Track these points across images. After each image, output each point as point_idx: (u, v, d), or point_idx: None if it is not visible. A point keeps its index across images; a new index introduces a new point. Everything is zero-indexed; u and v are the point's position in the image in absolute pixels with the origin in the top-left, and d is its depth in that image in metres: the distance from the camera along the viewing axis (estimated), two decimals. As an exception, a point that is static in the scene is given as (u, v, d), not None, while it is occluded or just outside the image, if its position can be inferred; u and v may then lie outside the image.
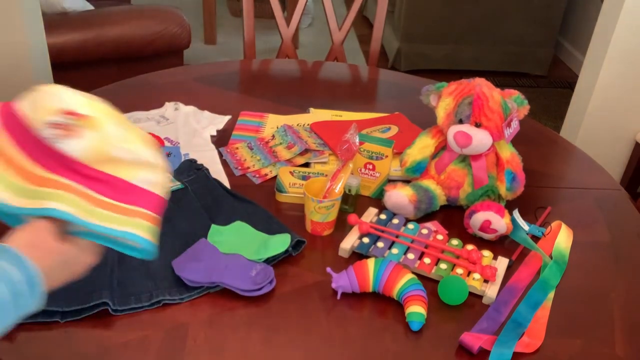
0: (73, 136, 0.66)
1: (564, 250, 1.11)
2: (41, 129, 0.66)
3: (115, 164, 0.69)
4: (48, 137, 0.66)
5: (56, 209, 0.65)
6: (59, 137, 0.66)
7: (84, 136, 0.67)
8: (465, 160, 1.16)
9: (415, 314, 0.92)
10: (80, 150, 0.67)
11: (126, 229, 0.68)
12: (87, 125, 0.67)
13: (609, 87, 2.16)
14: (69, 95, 0.68)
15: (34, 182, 0.66)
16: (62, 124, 0.66)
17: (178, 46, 2.54)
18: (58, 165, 0.67)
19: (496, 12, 3.40)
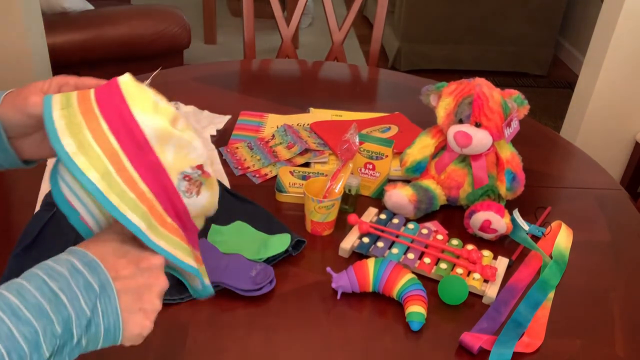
0: (195, 194, 0.66)
1: (564, 250, 1.11)
2: (176, 179, 0.64)
3: (203, 219, 0.70)
4: (178, 189, 0.64)
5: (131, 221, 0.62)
6: (186, 191, 0.65)
7: (203, 194, 0.67)
8: (465, 160, 1.16)
9: (415, 314, 0.92)
10: (192, 207, 0.66)
11: (184, 260, 0.66)
12: (206, 184, 0.67)
13: (609, 87, 2.16)
14: (200, 145, 0.65)
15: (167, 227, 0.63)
16: (192, 177, 0.65)
17: (178, 46, 2.55)
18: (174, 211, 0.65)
19: (496, 12, 3.40)
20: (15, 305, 0.52)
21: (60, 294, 0.54)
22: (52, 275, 0.55)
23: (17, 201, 1.15)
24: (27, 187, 1.16)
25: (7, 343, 0.50)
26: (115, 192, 0.58)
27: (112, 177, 0.58)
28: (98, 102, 0.61)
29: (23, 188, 1.17)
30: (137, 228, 0.59)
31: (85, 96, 0.63)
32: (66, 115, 0.60)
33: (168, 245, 0.62)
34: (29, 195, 1.13)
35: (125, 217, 0.58)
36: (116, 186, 0.58)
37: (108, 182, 0.58)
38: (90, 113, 0.60)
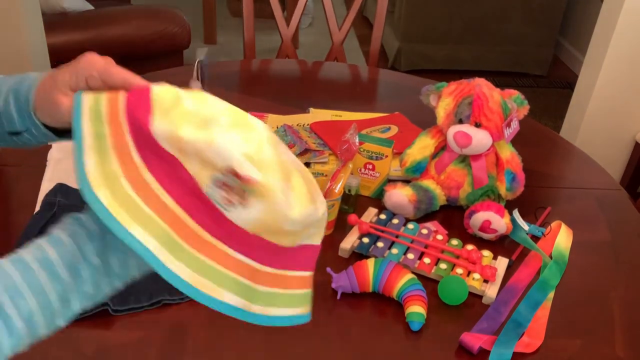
0: (238, 204, 0.54)
1: (564, 250, 1.11)
2: (208, 190, 0.54)
3: (285, 235, 0.58)
4: (215, 201, 0.54)
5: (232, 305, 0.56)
6: (226, 202, 0.54)
7: (252, 205, 0.54)
8: (465, 160, 1.16)
9: (415, 314, 0.92)
10: (245, 221, 0.55)
11: (288, 313, 0.59)
12: (254, 193, 0.54)
13: (609, 87, 2.16)
14: (230, 142, 0.54)
15: (203, 250, 0.55)
16: (227, 184, 0.54)
17: (178, 46, 2.55)
18: (225, 233, 0.55)
19: (496, 12, 3.40)
20: (55, 261, 0.52)
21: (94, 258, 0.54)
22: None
23: (17, 201, 1.15)
24: (27, 187, 1.16)
25: (40, 299, 0.50)
26: (119, 202, 0.52)
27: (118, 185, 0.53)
28: (127, 118, 0.55)
29: (23, 188, 1.17)
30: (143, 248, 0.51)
31: (114, 109, 0.56)
32: (94, 136, 0.55)
33: (188, 270, 0.53)
34: (29, 195, 1.13)
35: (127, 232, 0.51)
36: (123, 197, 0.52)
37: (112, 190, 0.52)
38: (118, 128, 0.55)
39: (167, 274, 0.52)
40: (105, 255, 0.54)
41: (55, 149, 1.26)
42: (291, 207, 0.56)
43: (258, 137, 0.55)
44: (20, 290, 0.50)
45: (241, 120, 0.57)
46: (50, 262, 0.52)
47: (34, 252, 0.52)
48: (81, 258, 0.53)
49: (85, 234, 0.54)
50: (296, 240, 0.59)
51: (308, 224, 0.58)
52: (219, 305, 0.55)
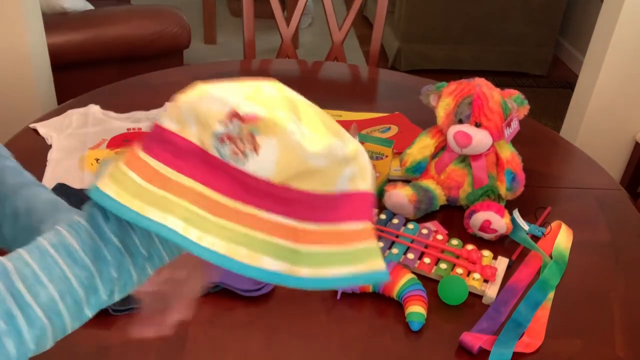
0: (250, 151, 0.49)
1: (564, 250, 1.11)
2: (214, 150, 0.50)
3: (312, 176, 0.51)
4: (224, 157, 0.50)
5: (275, 271, 0.50)
6: (236, 155, 0.49)
7: (264, 146, 0.49)
8: (465, 160, 1.16)
9: (415, 314, 0.92)
10: (265, 170, 0.50)
11: (351, 272, 0.52)
12: (262, 131, 0.49)
13: (609, 87, 2.16)
14: (225, 90, 0.51)
15: (231, 217, 0.50)
16: (231, 135, 0.49)
17: (178, 46, 2.54)
18: (248, 191, 0.50)
19: (496, 12, 3.39)
20: (72, 246, 0.49)
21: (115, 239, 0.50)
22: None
23: (17, 201, 1.15)
24: (27, 187, 1.16)
25: (61, 286, 0.48)
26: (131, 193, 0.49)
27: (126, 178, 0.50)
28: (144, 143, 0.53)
29: (23, 188, 1.17)
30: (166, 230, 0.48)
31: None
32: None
33: (221, 242, 0.49)
34: (29, 195, 1.13)
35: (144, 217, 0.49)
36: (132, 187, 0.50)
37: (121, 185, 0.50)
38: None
39: (200, 251, 0.48)
40: (125, 235, 0.51)
41: (55, 149, 1.26)
42: (306, 137, 0.50)
43: (255, 84, 0.52)
44: (40, 277, 0.47)
45: (242, 82, 0.53)
46: (69, 246, 0.49)
47: (51, 238, 0.50)
48: (100, 240, 0.50)
49: (102, 214, 0.51)
50: (332, 184, 0.52)
51: (337, 160, 0.51)
52: (258, 272, 0.49)
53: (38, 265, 0.48)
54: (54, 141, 1.29)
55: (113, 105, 1.42)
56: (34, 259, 0.48)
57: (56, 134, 1.30)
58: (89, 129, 1.34)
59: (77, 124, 1.35)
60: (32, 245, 0.50)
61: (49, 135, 1.30)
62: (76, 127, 1.34)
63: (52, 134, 1.30)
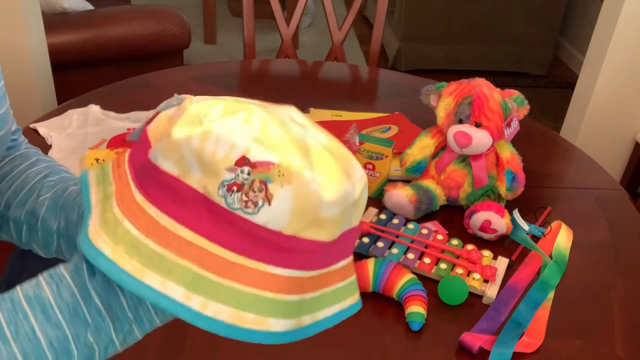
0: (263, 201, 0.44)
1: (564, 250, 1.11)
2: (221, 200, 0.45)
3: (323, 226, 0.47)
4: (233, 209, 0.45)
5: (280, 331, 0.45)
6: (247, 206, 0.44)
7: (277, 196, 0.44)
8: (465, 160, 1.16)
9: (415, 314, 0.92)
10: (278, 222, 0.45)
11: (337, 310, 0.50)
12: (275, 179, 0.44)
13: (609, 87, 2.16)
14: (230, 129, 0.45)
15: (238, 278, 0.45)
16: (240, 183, 0.44)
17: (178, 46, 2.54)
18: (252, 244, 0.45)
19: (496, 12, 3.40)
20: (47, 300, 0.44)
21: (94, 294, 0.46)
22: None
23: (17, 201, 1.15)
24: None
25: (26, 346, 0.43)
26: (125, 247, 0.44)
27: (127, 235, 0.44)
28: (130, 164, 0.49)
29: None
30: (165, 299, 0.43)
31: (120, 164, 0.51)
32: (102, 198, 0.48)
33: (227, 308, 0.44)
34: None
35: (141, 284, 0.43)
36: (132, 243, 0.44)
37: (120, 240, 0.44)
38: (122, 178, 0.49)
39: (203, 323, 0.43)
40: (110, 296, 0.46)
41: (55, 149, 1.26)
42: (321, 186, 0.45)
43: (259, 117, 0.46)
44: (4, 332, 0.42)
45: (234, 105, 0.47)
46: (43, 300, 0.44)
47: (28, 289, 0.45)
48: (81, 297, 0.45)
49: (87, 267, 0.46)
50: (339, 231, 0.48)
51: (346, 206, 0.47)
52: (264, 337, 0.44)
53: (6, 317, 0.43)
54: (54, 141, 1.29)
55: (113, 105, 1.42)
56: (3, 311, 0.44)
57: (56, 134, 1.30)
58: (89, 129, 1.34)
59: (77, 124, 1.35)
60: (6, 294, 0.45)
61: (49, 135, 1.30)
62: (76, 127, 1.34)
63: (52, 134, 1.30)
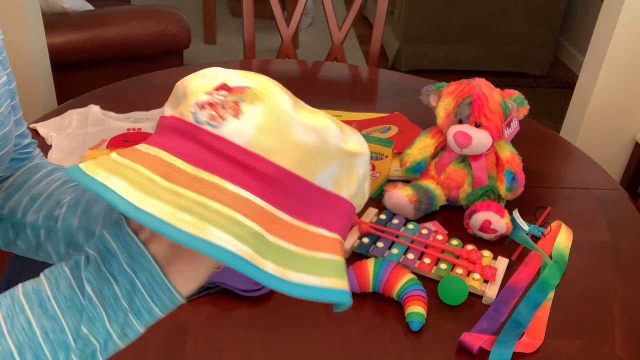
0: (230, 117, 0.44)
1: (563, 250, 1.11)
2: (190, 116, 0.45)
3: (294, 151, 0.45)
4: (200, 123, 0.45)
5: (226, 248, 0.40)
6: (214, 120, 0.44)
7: (247, 112, 0.44)
8: (465, 161, 1.16)
9: (415, 314, 0.92)
10: (242, 135, 0.44)
11: (315, 284, 0.43)
12: (247, 98, 0.45)
13: (609, 87, 2.16)
14: (215, 71, 0.48)
15: (187, 185, 0.43)
16: (213, 102, 0.45)
17: (178, 46, 2.54)
18: (218, 160, 0.44)
19: (496, 12, 3.40)
20: (44, 293, 0.44)
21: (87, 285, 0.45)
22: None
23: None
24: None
25: (22, 338, 0.43)
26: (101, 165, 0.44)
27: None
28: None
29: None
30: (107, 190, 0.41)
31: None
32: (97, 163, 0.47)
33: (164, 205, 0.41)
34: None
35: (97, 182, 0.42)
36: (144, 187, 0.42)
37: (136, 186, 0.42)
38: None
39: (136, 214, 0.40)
40: (103, 284, 0.45)
41: (55, 149, 1.26)
42: (296, 110, 0.45)
43: (264, 78, 0.48)
44: (0, 328, 0.43)
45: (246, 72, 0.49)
46: (41, 293, 0.44)
47: (28, 284, 0.45)
48: (78, 289, 0.45)
49: (84, 260, 0.47)
50: (313, 171, 0.45)
51: (328, 146, 0.45)
52: (204, 245, 0.40)
53: (4, 313, 0.43)
54: (54, 141, 1.29)
55: (113, 105, 1.42)
56: (2, 306, 0.44)
57: (56, 134, 1.30)
58: (89, 129, 1.34)
59: (77, 124, 1.35)
60: (7, 291, 0.46)
61: (49, 135, 1.30)
62: (76, 127, 1.34)
63: (52, 134, 1.30)
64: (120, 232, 0.47)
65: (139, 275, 0.46)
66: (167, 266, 0.47)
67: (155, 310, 0.47)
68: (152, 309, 0.47)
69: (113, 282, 0.46)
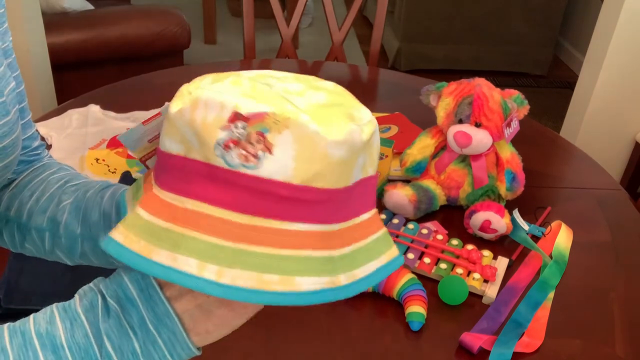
0: (263, 153, 0.42)
1: (564, 250, 1.11)
2: (220, 160, 0.42)
3: (333, 170, 0.44)
4: (234, 166, 0.42)
5: (311, 291, 0.41)
6: (247, 160, 0.42)
7: (278, 144, 0.42)
8: (465, 160, 1.16)
9: (415, 314, 0.92)
10: (282, 171, 0.42)
11: (376, 267, 0.46)
12: (270, 127, 0.42)
13: (609, 87, 2.16)
14: (211, 94, 0.44)
15: (250, 238, 0.42)
16: (236, 139, 0.42)
17: (178, 46, 2.54)
18: (266, 201, 0.42)
19: (496, 12, 3.40)
20: (59, 339, 0.43)
21: (106, 339, 0.44)
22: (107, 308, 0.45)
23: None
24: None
25: None
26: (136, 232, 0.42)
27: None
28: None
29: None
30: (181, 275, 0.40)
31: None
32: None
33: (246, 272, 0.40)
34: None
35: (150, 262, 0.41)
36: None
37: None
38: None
39: (222, 292, 0.40)
40: (123, 340, 0.45)
41: (55, 149, 1.26)
42: (321, 126, 0.43)
43: (248, 78, 0.46)
44: None
45: (223, 74, 0.47)
46: (55, 339, 0.43)
47: (41, 323, 0.44)
48: (94, 339, 0.44)
49: (103, 306, 0.45)
50: (349, 177, 0.45)
51: (354, 147, 0.44)
52: (295, 298, 0.40)
53: (15, 355, 0.42)
54: (54, 141, 1.29)
55: (113, 105, 1.42)
56: (13, 346, 0.42)
57: (56, 134, 1.30)
58: (89, 129, 1.34)
59: (77, 124, 1.35)
60: (18, 325, 0.44)
61: (49, 135, 1.30)
62: (76, 127, 1.34)
63: (52, 134, 1.30)
64: (142, 282, 0.45)
65: (162, 334, 0.45)
66: (193, 327, 0.46)
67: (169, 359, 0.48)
68: (167, 359, 0.47)
69: (133, 337, 0.45)
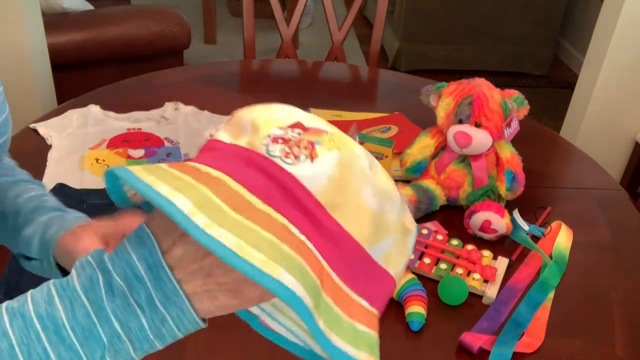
0: (305, 157, 0.42)
1: (564, 251, 1.11)
2: (263, 148, 0.43)
3: (357, 216, 0.43)
4: (272, 156, 0.42)
5: (295, 292, 0.39)
6: (287, 156, 0.42)
7: (322, 157, 0.42)
8: (465, 160, 1.16)
9: (415, 314, 0.92)
10: (314, 181, 0.42)
11: (348, 350, 0.44)
12: (324, 142, 0.42)
13: (609, 87, 2.16)
14: (289, 108, 0.47)
15: (256, 219, 0.40)
16: (287, 138, 0.43)
17: (178, 46, 2.54)
18: (286, 200, 0.42)
19: (496, 12, 3.40)
20: (60, 320, 0.42)
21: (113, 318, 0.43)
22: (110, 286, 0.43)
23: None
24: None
25: None
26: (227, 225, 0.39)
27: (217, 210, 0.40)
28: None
29: (23, 188, 1.17)
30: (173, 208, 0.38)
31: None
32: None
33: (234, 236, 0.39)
34: (29, 195, 1.13)
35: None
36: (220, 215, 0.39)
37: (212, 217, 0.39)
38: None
39: (204, 238, 0.38)
40: (130, 318, 0.43)
41: (55, 149, 1.26)
42: (371, 166, 0.43)
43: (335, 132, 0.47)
44: (16, 355, 0.40)
45: None
46: (57, 320, 0.41)
47: (40, 303, 0.42)
48: (97, 318, 0.42)
49: (105, 280, 0.43)
50: (370, 241, 0.44)
51: (387, 218, 0.44)
52: (274, 283, 0.38)
53: (17, 338, 0.41)
54: (54, 141, 1.29)
55: (113, 105, 1.42)
56: (15, 330, 0.41)
57: (56, 134, 1.30)
58: (89, 129, 1.34)
59: (77, 124, 1.35)
60: (17, 307, 0.42)
61: (49, 135, 1.30)
62: (76, 127, 1.34)
63: (52, 134, 1.30)
64: (151, 259, 0.43)
65: (171, 312, 0.45)
66: (200, 305, 0.47)
67: (178, 335, 0.48)
68: (177, 336, 0.48)
69: (140, 314, 0.44)
